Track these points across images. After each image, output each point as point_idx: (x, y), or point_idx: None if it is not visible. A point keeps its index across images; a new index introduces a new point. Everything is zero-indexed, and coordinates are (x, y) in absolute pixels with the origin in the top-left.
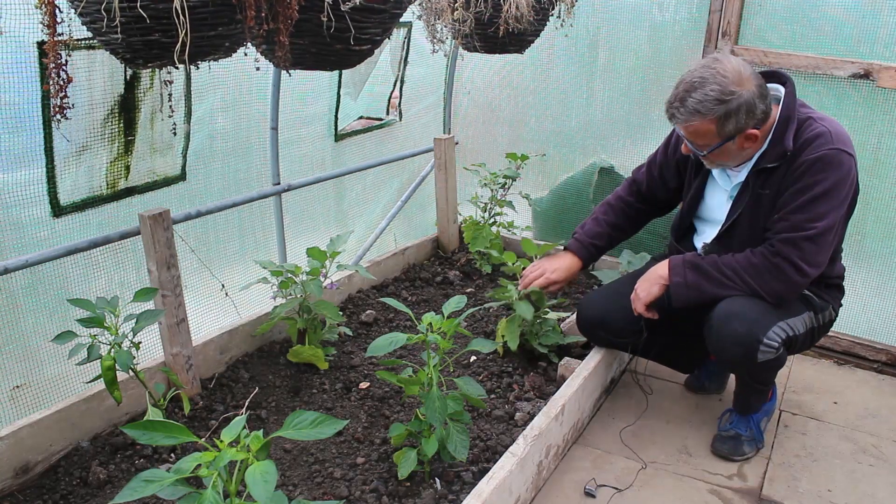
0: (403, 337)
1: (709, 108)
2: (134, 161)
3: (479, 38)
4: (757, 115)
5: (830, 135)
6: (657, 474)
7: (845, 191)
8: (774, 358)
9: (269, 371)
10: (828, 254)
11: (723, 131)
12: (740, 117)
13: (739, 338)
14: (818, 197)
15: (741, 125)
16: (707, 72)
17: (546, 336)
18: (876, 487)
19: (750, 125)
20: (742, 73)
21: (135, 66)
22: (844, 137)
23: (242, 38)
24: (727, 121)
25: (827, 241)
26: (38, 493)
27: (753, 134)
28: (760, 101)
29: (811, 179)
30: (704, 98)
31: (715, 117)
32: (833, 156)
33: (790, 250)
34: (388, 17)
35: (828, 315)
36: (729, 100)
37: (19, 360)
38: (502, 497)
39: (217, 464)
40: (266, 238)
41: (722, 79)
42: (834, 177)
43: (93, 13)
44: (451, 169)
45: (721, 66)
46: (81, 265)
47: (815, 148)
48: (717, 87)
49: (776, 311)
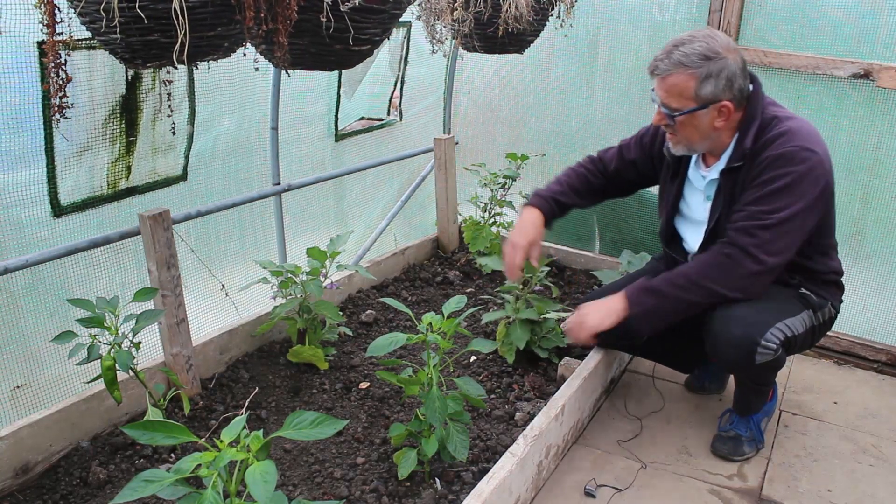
0: (403, 337)
1: (692, 61)
2: (135, 161)
3: (479, 39)
4: (734, 89)
5: (793, 133)
6: (657, 474)
7: (808, 187)
8: (773, 359)
9: (269, 371)
10: (789, 244)
11: (700, 93)
12: (720, 82)
13: (737, 340)
14: (777, 190)
15: (718, 92)
16: (698, 33)
17: (546, 340)
18: (876, 487)
19: (726, 96)
20: (731, 45)
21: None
22: (810, 136)
23: (242, 39)
24: (707, 81)
25: (785, 230)
26: (38, 493)
27: (727, 108)
28: (742, 77)
29: (771, 174)
30: (691, 52)
31: (697, 73)
32: (794, 152)
33: (743, 238)
34: (387, 17)
35: (827, 313)
36: (714, 58)
37: (19, 361)
38: (502, 497)
39: (217, 464)
40: (266, 238)
41: (711, 40)
42: (794, 172)
43: (92, 13)
44: (451, 169)
45: (713, 32)
46: (82, 265)
47: (777, 145)
48: (705, 44)
49: (774, 312)
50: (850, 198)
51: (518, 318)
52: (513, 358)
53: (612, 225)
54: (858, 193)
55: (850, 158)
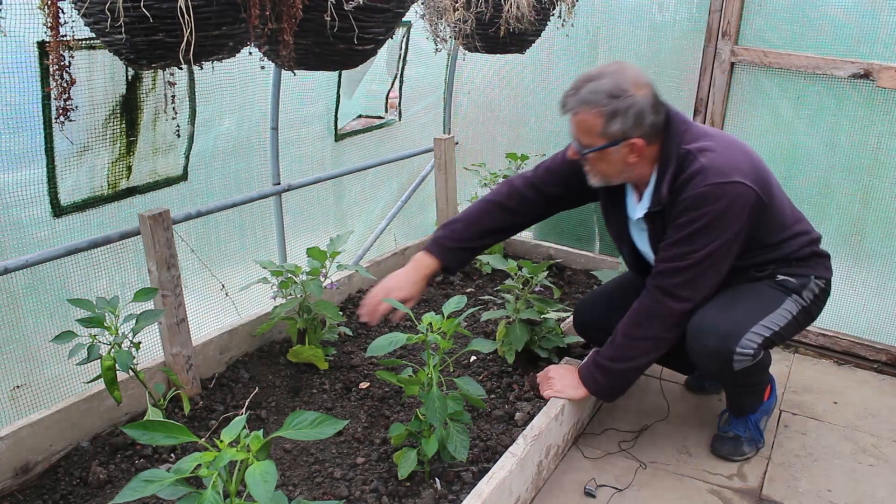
0: (403, 337)
1: (598, 100)
2: (136, 161)
3: (480, 38)
4: (644, 126)
5: (706, 170)
6: (657, 474)
7: (727, 221)
8: (753, 364)
9: (269, 371)
10: (713, 276)
11: (607, 130)
12: (628, 120)
13: (711, 352)
14: (696, 232)
15: (627, 129)
16: (607, 69)
17: (546, 340)
18: (876, 487)
19: (636, 133)
20: (639, 80)
21: (138, 66)
22: (726, 165)
23: (246, 38)
24: (614, 119)
25: (706, 266)
26: (38, 493)
27: (638, 145)
28: (652, 113)
29: (689, 216)
30: (597, 89)
31: (603, 111)
32: (709, 192)
33: (664, 280)
34: (391, 16)
35: (815, 288)
36: (620, 96)
37: (19, 361)
38: (502, 497)
39: (217, 464)
40: (266, 238)
41: (619, 76)
42: (712, 212)
43: (96, 13)
44: (451, 169)
45: (622, 67)
46: (82, 265)
47: (693, 186)
48: (612, 82)
49: (750, 314)
50: (850, 198)
51: (518, 319)
52: (512, 358)
53: None
54: (858, 193)
55: (850, 158)
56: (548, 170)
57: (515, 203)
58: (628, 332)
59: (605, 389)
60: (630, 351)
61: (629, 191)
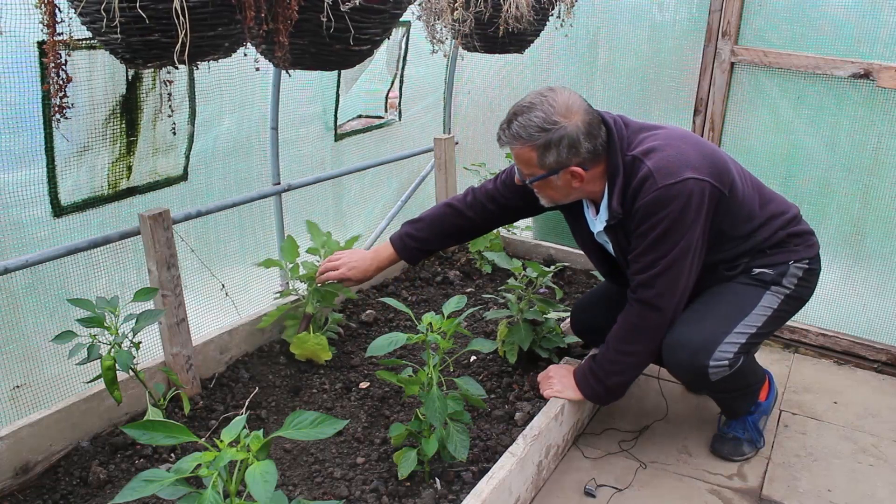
0: (403, 337)
1: (530, 135)
2: (136, 161)
3: (479, 38)
4: (582, 153)
5: (653, 173)
6: (657, 474)
7: (687, 218)
8: (731, 374)
9: (269, 371)
10: (687, 278)
11: (544, 162)
12: (562, 150)
13: (685, 366)
14: (658, 237)
15: (563, 159)
16: (537, 98)
17: (547, 340)
18: (876, 487)
19: (573, 162)
20: (571, 107)
21: (134, 66)
22: (672, 163)
23: (242, 39)
24: (548, 151)
25: (680, 267)
26: (38, 493)
27: (578, 172)
28: (587, 140)
29: (648, 224)
30: (528, 123)
31: (535, 145)
32: (661, 195)
33: (644, 291)
34: (387, 17)
35: (796, 272)
36: (550, 129)
37: (19, 360)
38: (502, 497)
39: (217, 464)
40: (266, 238)
41: (549, 107)
42: (669, 215)
43: (92, 13)
44: (451, 169)
45: (553, 95)
46: (82, 265)
47: (644, 192)
48: (542, 115)
49: (723, 323)
50: (850, 198)
51: (522, 319)
52: (514, 358)
53: None
54: (858, 193)
55: (850, 158)
56: (504, 183)
57: (476, 213)
58: (618, 346)
59: (599, 396)
60: (621, 365)
61: (586, 205)
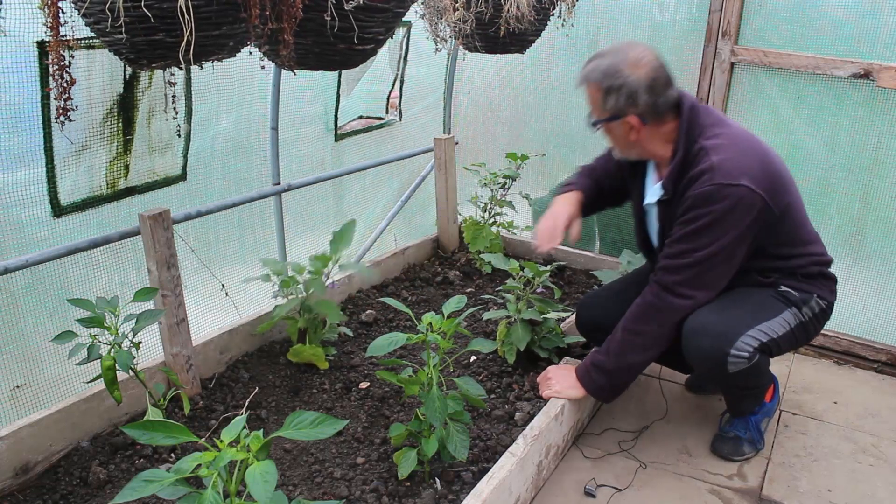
0: (403, 337)
1: (596, 77)
2: (133, 160)
3: (480, 38)
4: (640, 106)
5: (715, 169)
6: (657, 474)
7: (732, 221)
8: (749, 367)
9: (269, 371)
10: (718, 276)
11: (605, 105)
12: (621, 98)
13: (706, 352)
14: (699, 230)
15: (621, 107)
16: (613, 48)
17: (546, 340)
18: (876, 487)
19: (630, 112)
20: (640, 61)
21: (139, 66)
22: (735, 167)
23: (246, 38)
24: (608, 96)
25: (709, 265)
26: (38, 493)
27: (634, 124)
28: (647, 93)
29: (693, 214)
30: (597, 67)
31: (600, 87)
32: (713, 192)
33: (667, 276)
34: (391, 16)
35: (815, 306)
36: (614, 74)
37: (19, 360)
38: (502, 497)
39: (217, 464)
40: (266, 238)
41: (620, 57)
42: (715, 212)
43: (97, 13)
44: (451, 169)
45: (628, 48)
46: (81, 265)
47: (699, 184)
48: (610, 62)
49: (747, 318)
50: (850, 198)
51: (520, 319)
52: (513, 358)
53: (612, 225)
54: (858, 193)
55: (850, 158)
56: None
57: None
58: (628, 325)
59: (602, 389)
60: (627, 346)
61: (650, 171)
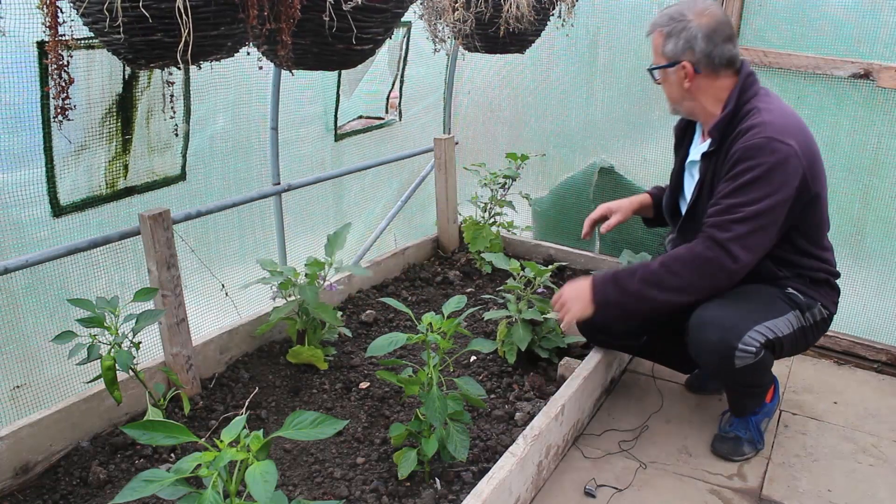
0: (403, 337)
1: (662, 21)
2: (132, 160)
3: (480, 38)
4: (696, 53)
5: (766, 125)
6: (657, 474)
7: (780, 177)
8: (755, 362)
9: (269, 371)
10: (763, 240)
11: (664, 50)
12: (679, 42)
13: (713, 345)
14: (749, 182)
15: (678, 52)
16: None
17: (547, 340)
18: (876, 487)
19: (686, 58)
20: (705, 11)
21: (137, 66)
22: (784, 128)
23: (245, 38)
24: (668, 39)
25: (759, 224)
26: (38, 493)
27: (688, 70)
28: (704, 41)
29: (742, 167)
30: (665, 12)
31: (663, 31)
32: (763, 144)
33: (718, 232)
34: (389, 16)
35: (818, 314)
36: (678, 19)
37: (19, 361)
38: (502, 497)
39: (217, 464)
40: (266, 238)
41: (688, 5)
42: (765, 164)
43: (95, 13)
44: (451, 169)
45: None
46: (81, 265)
47: (748, 137)
48: (677, 9)
49: (755, 314)
50: (850, 198)
51: (520, 319)
52: (514, 358)
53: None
54: (858, 193)
55: (850, 158)
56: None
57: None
58: (668, 262)
59: (609, 305)
60: (658, 280)
61: (698, 133)
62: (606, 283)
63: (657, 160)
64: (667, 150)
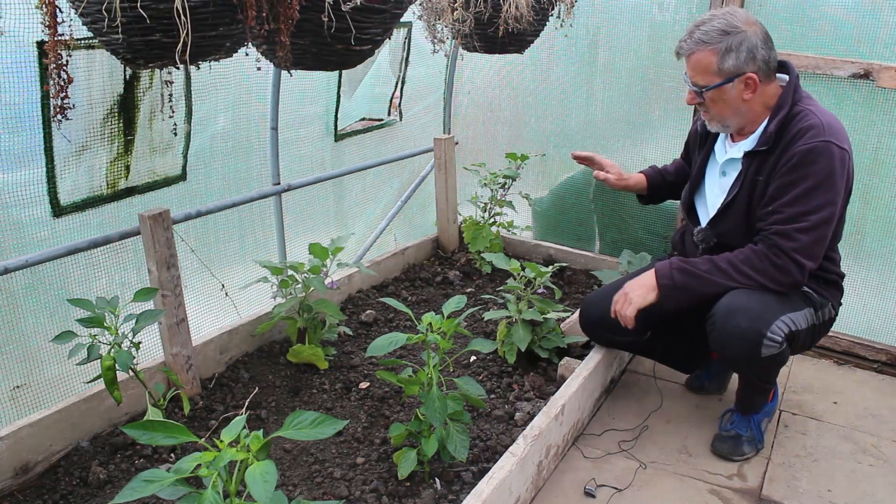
0: (403, 337)
1: (712, 38)
2: (134, 161)
3: (479, 39)
4: (758, 61)
5: (822, 126)
6: (657, 474)
7: (839, 181)
8: (778, 353)
9: (269, 371)
10: (824, 246)
11: (723, 67)
12: (741, 55)
13: (742, 333)
14: (811, 189)
15: (741, 64)
16: (718, 11)
17: (547, 340)
18: (876, 487)
19: (750, 68)
20: (750, 19)
21: (136, 66)
22: (837, 131)
23: (243, 39)
24: (728, 55)
25: (823, 233)
26: (38, 493)
27: (752, 80)
28: (764, 48)
29: (804, 171)
30: (710, 29)
31: (717, 48)
32: (823, 147)
33: (786, 242)
34: (388, 17)
35: (827, 313)
36: (732, 32)
37: (19, 361)
38: (502, 497)
39: (217, 464)
40: (266, 238)
41: (730, 16)
42: (826, 168)
43: (94, 13)
44: (451, 169)
45: (732, 10)
46: (81, 265)
47: (807, 139)
48: (724, 21)
49: (779, 305)
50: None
51: (520, 319)
52: (513, 358)
53: (612, 225)
54: (858, 193)
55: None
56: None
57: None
58: (736, 263)
59: (677, 288)
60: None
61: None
62: (671, 270)
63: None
64: (667, 150)
